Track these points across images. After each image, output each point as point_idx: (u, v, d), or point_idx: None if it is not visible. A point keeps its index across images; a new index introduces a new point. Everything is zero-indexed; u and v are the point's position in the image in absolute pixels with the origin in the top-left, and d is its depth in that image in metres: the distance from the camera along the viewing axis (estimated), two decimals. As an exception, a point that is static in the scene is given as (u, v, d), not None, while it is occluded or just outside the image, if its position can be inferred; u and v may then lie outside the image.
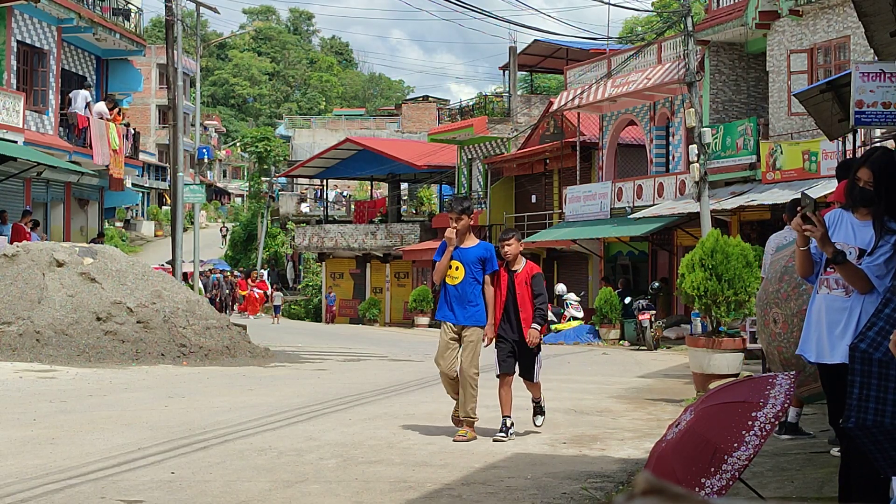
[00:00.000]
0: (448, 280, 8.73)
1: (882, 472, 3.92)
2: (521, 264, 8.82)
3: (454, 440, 8.45)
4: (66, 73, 25.97)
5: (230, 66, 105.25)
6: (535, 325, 8.65)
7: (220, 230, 66.36)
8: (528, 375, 8.88)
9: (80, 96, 25.36)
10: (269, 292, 42.47)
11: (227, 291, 45.01)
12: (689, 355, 13.27)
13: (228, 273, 47.75)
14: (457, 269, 8.67)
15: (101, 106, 26.03)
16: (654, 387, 14.16)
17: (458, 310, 8.70)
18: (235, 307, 43.88)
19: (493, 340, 8.81)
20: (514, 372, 8.79)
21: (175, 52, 24.43)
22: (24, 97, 22.85)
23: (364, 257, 42.31)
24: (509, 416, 8.66)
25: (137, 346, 15.61)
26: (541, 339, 8.77)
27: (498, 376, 8.82)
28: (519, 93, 40.48)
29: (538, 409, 9.25)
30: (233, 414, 10.09)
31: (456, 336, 8.73)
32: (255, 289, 42.10)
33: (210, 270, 47.17)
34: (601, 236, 28.75)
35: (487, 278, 8.74)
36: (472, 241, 8.82)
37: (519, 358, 8.78)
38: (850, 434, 3.89)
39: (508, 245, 8.75)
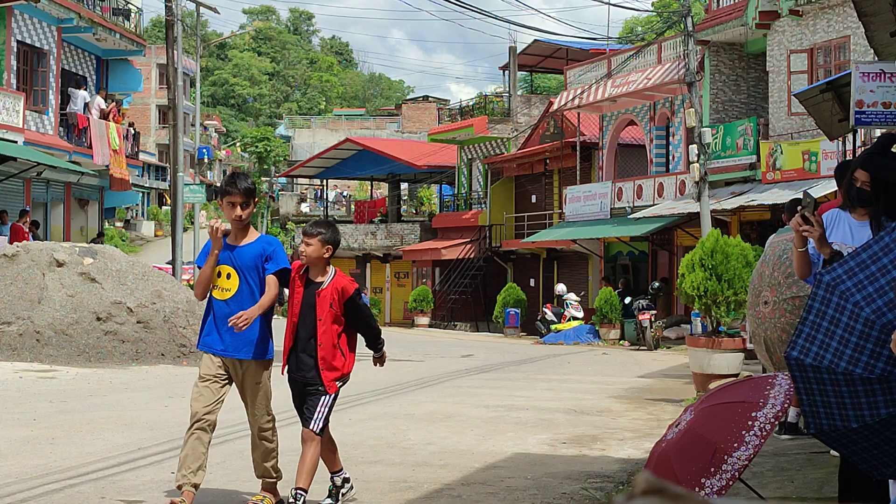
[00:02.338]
0: (216, 294, 6.01)
1: (867, 473, 3.92)
2: (326, 276, 6.04)
3: None
4: (66, 73, 25.98)
5: (230, 66, 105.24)
6: (376, 355, 6.26)
7: None
8: (305, 420, 6.03)
9: (80, 96, 25.38)
10: None
11: None
12: (689, 355, 13.28)
13: None
14: (228, 276, 5.95)
15: (98, 99, 26.03)
16: (654, 387, 14.17)
17: (230, 336, 5.97)
18: None
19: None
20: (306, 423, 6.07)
21: (175, 52, 24.43)
22: (24, 97, 22.86)
23: (364, 257, 42.30)
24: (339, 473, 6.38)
25: (137, 346, 15.61)
26: (335, 380, 6.02)
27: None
28: (519, 93, 40.49)
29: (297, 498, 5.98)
30: (233, 414, 10.07)
31: (223, 373, 6.05)
32: None
33: None
34: (601, 236, 28.76)
35: (271, 279, 6.00)
36: (249, 237, 6.05)
37: (301, 397, 6.15)
38: (817, 439, 3.90)
39: (308, 244, 5.98)
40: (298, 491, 5.92)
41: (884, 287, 3.48)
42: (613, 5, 31.01)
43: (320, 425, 5.95)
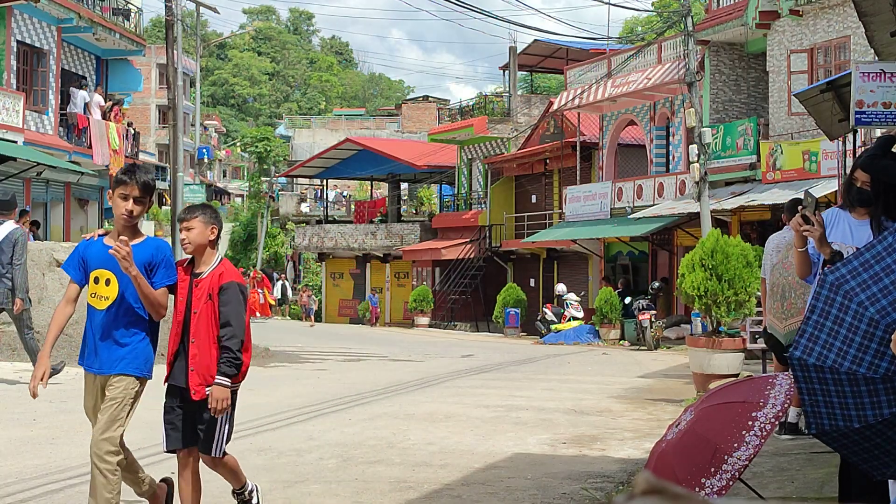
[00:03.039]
0: (93, 302, 5.18)
1: (867, 474, 3.91)
2: (209, 265, 5.23)
3: None
4: (66, 73, 25.98)
5: (230, 66, 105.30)
6: (220, 379, 5.07)
7: None
8: (205, 447, 5.25)
9: (80, 96, 25.38)
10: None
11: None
12: (689, 355, 13.28)
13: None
14: (107, 282, 5.13)
15: (96, 97, 26.02)
16: (654, 387, 14.17)
17: (105, 351, 5.14)
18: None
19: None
20: (193, 444, 5.30)
21: (175, 52, 24.43)
22: (24, 97, 22.86)
23: (364, 257, 42.30)
24: None
25: (137, 346, 15.59)
26: (228, 403, 5.14)
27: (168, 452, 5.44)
28: (519, 93, 40.48)
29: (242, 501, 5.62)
30: (233, 414, 10.09)
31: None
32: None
33: None
34: (601, 236, 28.76)
35: (162, 293, 5.19)
36: (135, 238, 5.23)
37: (190, 420, 5.27)
38: (818, 439, 3.90)
39: (189, 229, 5.20)
40: (238, 492, 5.56)
41: (888, 287, 3.48)
42: (613, 5, 31.03)
43: (222, 448, 5.23)
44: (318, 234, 44.11)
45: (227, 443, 5.26)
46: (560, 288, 28.92)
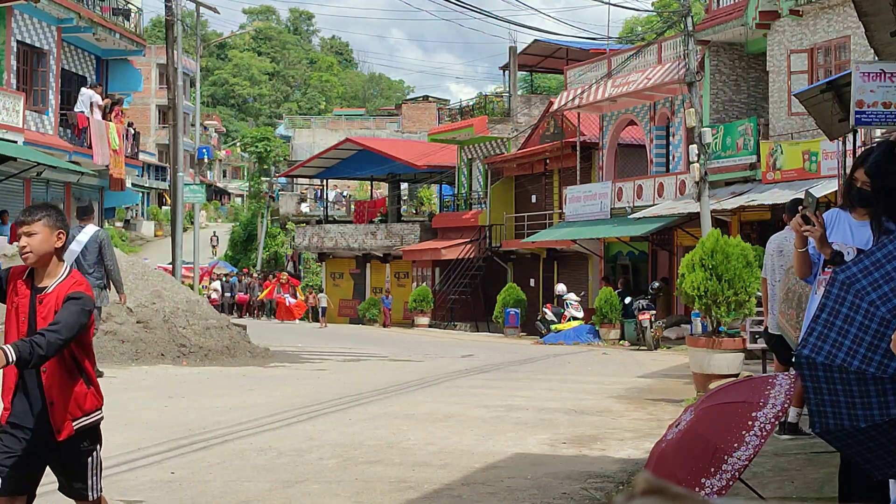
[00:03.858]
0: None
1: (869, 474, 3.91)
2: (54, 278, 4.32)
3: None
4: (66, 73, 25.98)
5: (230, 66, 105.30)
6: (7, 348, 3.92)
7: (210, 239, 64.55)
8: (77, 493, 4.45)
9: (86, 95, 25.37)
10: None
11: (257, 293, 43.40)
12: (689, 355, 13.28)
13: (252, 275, 46.55)
14: None
15: (95, 96, 26.00)
16: (654, 387, 14.17)
17: None
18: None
19: None
20: (26, 492, 4.30)
21: (175, 52, 24.43)
22: (24, 97, 22.86)
23: (364, 257, 42.29)
24: None
25: (137, 346, 15.61)
26: (92, 424, 4.52)
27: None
28: (519, 93, 40.48)
29: None
30: (233, 414, 10.09)
31: None
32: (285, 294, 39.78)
33: (227, 274, 46.98)
34: (601, 236, 28.76)
35: None
36: None
37: (55, 464, 4.40)
38: (822, 438, 3.89)
39: (30, 234, 4.28)
40: None
41: None
42: (613, 5, 31.10)
43: (99, 490, 4.46)
44: (318, 234, 44.10)
45: (101, 483, 4.48)
46: (560, 288, 28.92)
